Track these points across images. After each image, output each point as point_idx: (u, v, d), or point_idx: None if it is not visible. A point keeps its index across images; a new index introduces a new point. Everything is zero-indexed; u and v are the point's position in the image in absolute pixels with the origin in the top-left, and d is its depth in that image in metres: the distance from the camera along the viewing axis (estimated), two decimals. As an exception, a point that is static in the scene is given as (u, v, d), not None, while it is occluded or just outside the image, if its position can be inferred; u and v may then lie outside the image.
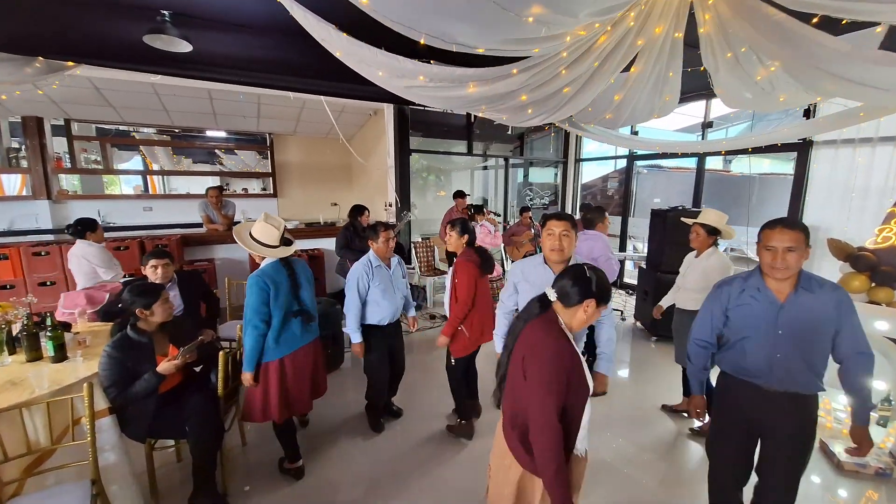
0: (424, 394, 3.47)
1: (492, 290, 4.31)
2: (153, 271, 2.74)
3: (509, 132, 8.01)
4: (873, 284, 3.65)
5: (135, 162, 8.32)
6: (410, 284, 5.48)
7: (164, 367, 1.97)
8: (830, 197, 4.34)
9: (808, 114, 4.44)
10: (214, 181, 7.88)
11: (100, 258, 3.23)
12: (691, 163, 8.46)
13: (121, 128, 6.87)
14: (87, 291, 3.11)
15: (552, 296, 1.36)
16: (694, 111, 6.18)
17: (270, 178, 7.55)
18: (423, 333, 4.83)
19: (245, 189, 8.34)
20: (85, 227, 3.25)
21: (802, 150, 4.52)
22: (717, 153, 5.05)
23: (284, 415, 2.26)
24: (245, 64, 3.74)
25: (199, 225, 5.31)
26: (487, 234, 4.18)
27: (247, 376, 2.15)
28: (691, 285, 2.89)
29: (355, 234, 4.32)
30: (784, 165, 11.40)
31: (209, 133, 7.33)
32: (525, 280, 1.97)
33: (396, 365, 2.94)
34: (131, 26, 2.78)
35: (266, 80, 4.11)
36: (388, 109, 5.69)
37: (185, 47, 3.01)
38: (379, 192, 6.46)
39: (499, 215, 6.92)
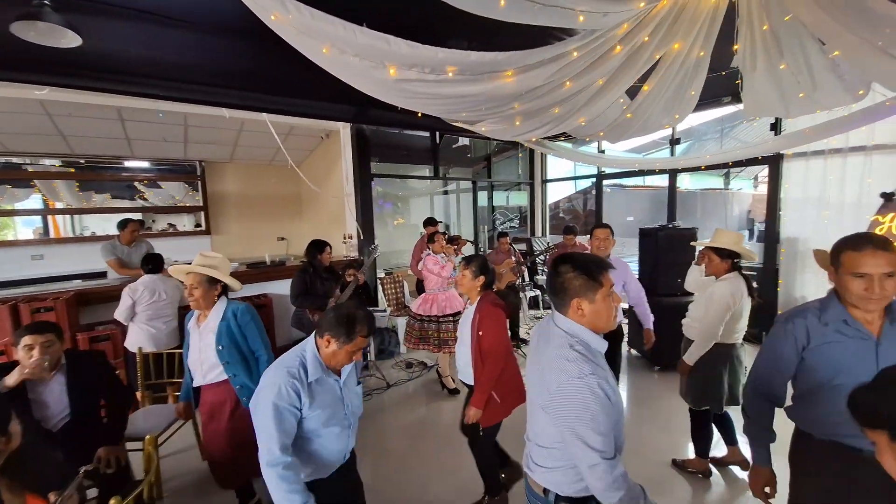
0: (423, 474, 2.72)
1: (449, 332, 3.68)
2: (26, 354, 1.83)
3: (469, 155, 7.70)
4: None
5: (35, 199, 6.84)
6: (379, 329, 4.75)
7: None
8: (805, 208, 4.37)
9: (775, 128, 4.51)
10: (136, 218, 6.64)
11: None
12: (651, 181, 8.61)
13: (13, 159, 5.55)
14: None
15: None
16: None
17: (202, 213, 6.51)
18: (404, 388, 4.08)
19: (171, 225, 7.14)
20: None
21: (774, 163, 4.56)
22: (697, 168, 4.99)
23: None
24: (160, 69, 2.96)
25: (104, 274, 4.21)
26: (436, 266, 3.62)
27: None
28: (696, 313, 2.49)
29: (315, 276, 3.55)
30: (717, 181, 12.32)
31: (128, 164, 6.20)
32: None
33: None
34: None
35: (191, 92, 3.34)
36: (344, 131, 5.07)
37: (72, 41, 2.21)
38: (335, 224, 5.71)
39: (474, 242, 6.45)
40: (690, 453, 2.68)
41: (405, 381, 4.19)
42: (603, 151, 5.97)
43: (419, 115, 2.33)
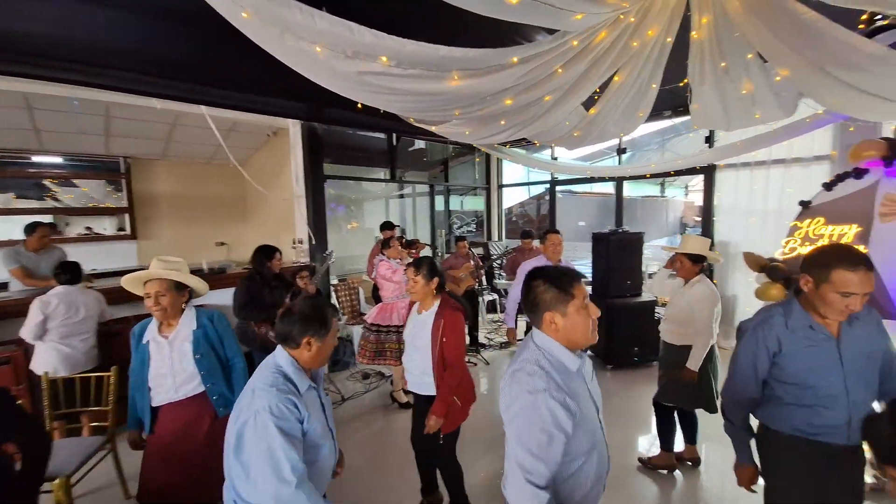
0: (384, 490, 2.56)
1: (398, 344, 3.49)
2: None
3: (426, 158, 7.62)
4: (787, 292, 3.96)
5: None
6: (338, 338, 4.46)
7: None
8: (735, 215, 4.79)
9: (709, 140, 4.89)
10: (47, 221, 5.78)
11: None
12: (598, 188, 9.04)
13: None
14: None
15: None
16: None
17: (127, 215, 5.83)
18: (360, 401, 3.87)
19: (89, 229, 6.31)
20: None
21: (708, 173, 4.94)
22: (642, 176, 5.28)
23: None
24: (72, 51, 2.57)
25: (4, 286, 3.60)
26: (388, 270, 3.51)
27: None
28: (677, 317, 2.62)
29: (263, 285, 3.25)
30: (655, 189, 13.30)
31: (36, 159, 5.37)
32: None
33: None
34: None
35: (113, 79, 2.94)
36: (293, 128, 4.76)
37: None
38: (284, 228, 5.35)
39: (432, 246, 6.34)
40: (649, 449, 2.77)
41: (362, 394, 3.98)
42: (556, 158, 6.16)
43: (381, 112, 2.19)
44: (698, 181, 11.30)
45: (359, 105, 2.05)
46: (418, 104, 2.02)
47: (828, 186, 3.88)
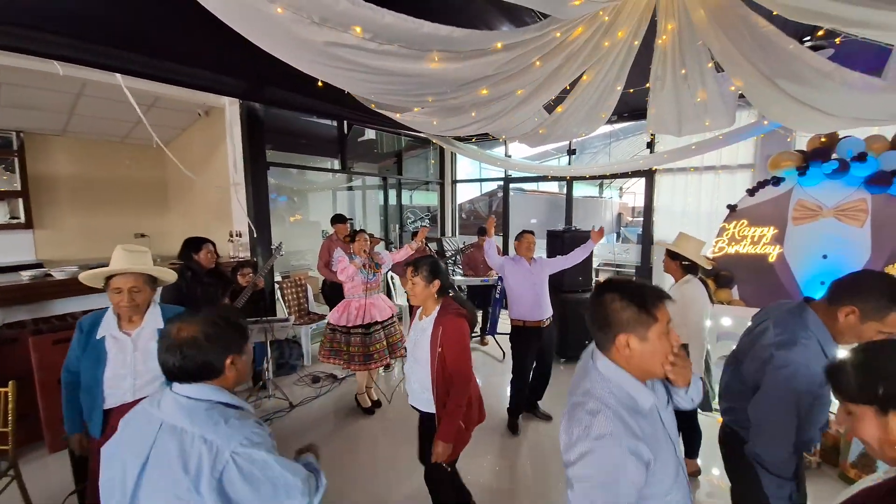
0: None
1: (377, 345, 3.30)
2: None
3: (376, 150, 7.33)
4: (716, 288, 4.35)
5: None
6: (278, 341, 4.08)
7: None
8: (672, 216, 5.16)
9: (650, 146, 5.21)
10: None
11: None
12: (545, 187, 9.31)
13: None
14: None
15: None
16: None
17: (20, 200, 4.90)
18: (310, 408, 3.58)
19: (-36, 216, 5.23)
20: None
21: (649, 177, 5.26)
22: (583, 178, 5.49)
23: None
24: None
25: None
26: (339, 264, 3.29)
27: None
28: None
29: (195, 281, 2.86)
30: (594, 190, 14.12)
31: None
32: None
33: None
34: None
35: (2, 36, 2.39)
36: (230, 108, 4.27)
37: None
38: (218, 219, 4.82)
39: (387, 243, 6.08)
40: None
41: (312, 399, 3.70)
42: (510, 156, 6.21)
43: (331, 96, 1.96)
44: (632, 184, 12.15)
45: (319, 83, 1.81)
46: (390, 87, 1.83)
47: (751, 192, 4.32)
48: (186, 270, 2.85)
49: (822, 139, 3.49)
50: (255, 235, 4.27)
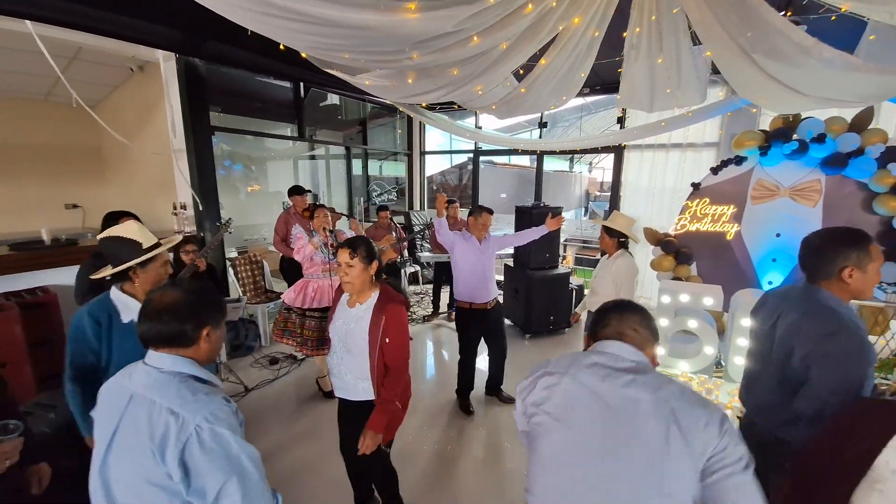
0: (307, 495, 2.27)
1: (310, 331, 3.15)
2: None
3: (340, 116, 6.89)
4: (677, 264, 4.45)
5: None
6: (231, 321, 3.85)
7: None
8: (638, 192, 5.17)
9: (620, 122, 5.13)
10: None
11: None
12: (516, 160, 9.16)
13: None
14: None
15: None
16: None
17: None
18: (267, 390, 3.42)
19: None
20: None
21: (618, 153, 5.21)
22: (553, 152, 5.37)
23: None
24: None
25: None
26: (298, 242, 3.07)
27: None
28: (602, 290, 2.72)
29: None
30: (564, 164, 14.17)
31: None
32: None
33: None
34: None
35: None
36: (166, 64, 3.78)
37: None
38: (160, 189, 4.39)
39: (349, 216, 5.78)
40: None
41: (269, 382, 3.54)
42: (480, 128, 5.98)
43: (284, 53, 1.71)
44: (601, 159, 12.24)
45: (248, 33, 1.53)
46: (333, 41, 1.57)
47: (714, 171, 4.36)
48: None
49: (790, 118, 3.50)
50: (201, 208, 3.92)
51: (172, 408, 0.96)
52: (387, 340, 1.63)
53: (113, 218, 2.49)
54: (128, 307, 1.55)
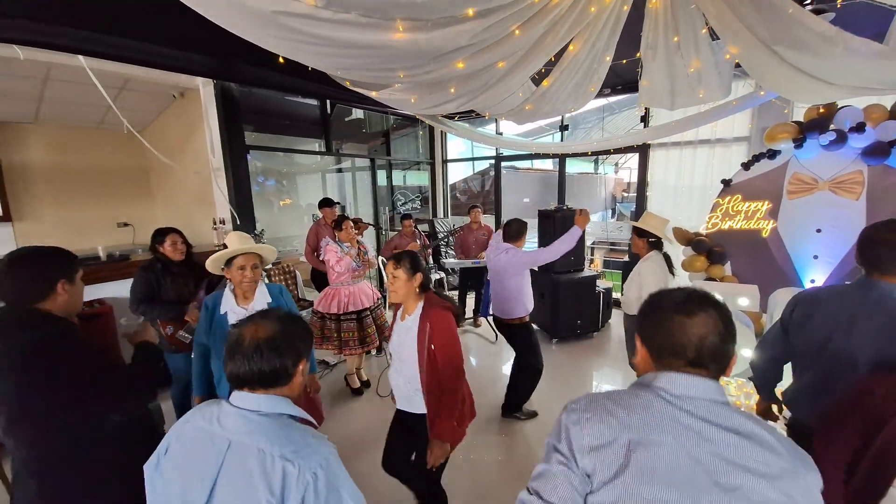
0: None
1: (352, 332, 3.26)
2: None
3: (364, 129, 7.11)
4: (710, 264, 4.30)
5: None
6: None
7: None
8: (666, 191, 5.06)
9: (644, 120, 5.05)
10: None
11: None
12: (539, 164, 9.11)
13: None
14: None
15: None
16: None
17: (-7, 192, 4.75)
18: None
19: (-62, 210, 5.08)
20: None
21: (643, 152, 5.12)
22: (585, 154, 5.34)
23: None
24: None
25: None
26: (333, 257, 3.16)
27: None
28: (628, 293, 2.69)
29: (165, 273, 2.73)
30: (589, 166, 13.94)
31: None
32: None
33: None
34: None
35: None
36: (204, 89, 4.08)
37: None
38: (201, 206, 4.69)
39: (376, 227, 5.96)
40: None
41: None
42: (501, 133, 6.04)
43: (310, 73, 1.84)
44: (627, 159, 11.96)
45: (280, 59, 1.68)
46: (354, 60, 1.70)
47: (746, 166, 4.20)
48: (156, 262, 2.75)
49: (821, 110, 3.35)
50: (238, 223, 4.16)
51: (286, 455, 0.88)
52: (432, 347, 1.63)
53: (161, 234, 2.72)
54: (227, 301, 1.96)
